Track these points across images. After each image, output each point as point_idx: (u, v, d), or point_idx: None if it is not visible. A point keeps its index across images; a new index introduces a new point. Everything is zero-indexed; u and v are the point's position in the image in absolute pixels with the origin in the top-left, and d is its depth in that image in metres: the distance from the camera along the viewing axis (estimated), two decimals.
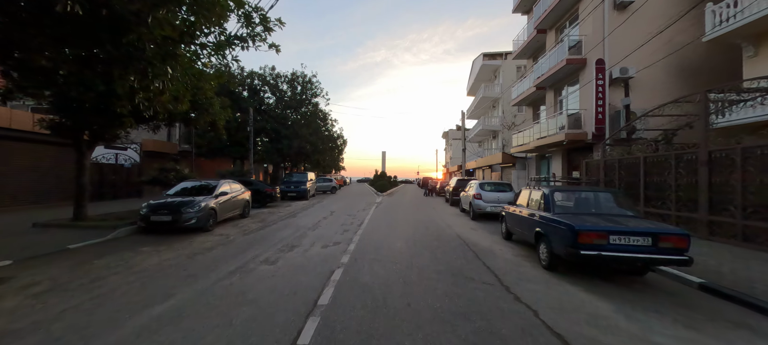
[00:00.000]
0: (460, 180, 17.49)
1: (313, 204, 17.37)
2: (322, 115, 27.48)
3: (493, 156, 23.45)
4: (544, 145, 15.25)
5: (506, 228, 7.80)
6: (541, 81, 15.70)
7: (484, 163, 28.20)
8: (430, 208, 15.90)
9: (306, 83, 25.56)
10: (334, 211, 13.89)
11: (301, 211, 14.11)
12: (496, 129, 29.94)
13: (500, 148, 29.08)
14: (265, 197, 15.40)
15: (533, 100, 18.70)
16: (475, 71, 34.01)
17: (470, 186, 12.97)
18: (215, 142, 21.73)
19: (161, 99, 5.61)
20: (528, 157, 19.52)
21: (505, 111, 28.75)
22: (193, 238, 7.90)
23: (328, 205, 16.69)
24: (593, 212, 5.32)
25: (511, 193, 11.39)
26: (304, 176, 21.21)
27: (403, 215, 12.91)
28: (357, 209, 14.91)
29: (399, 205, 17.31)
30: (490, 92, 30.03)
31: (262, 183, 15.94)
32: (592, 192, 5.84)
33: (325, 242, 7.51)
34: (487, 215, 11.56)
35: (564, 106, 15.25)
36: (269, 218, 11.63)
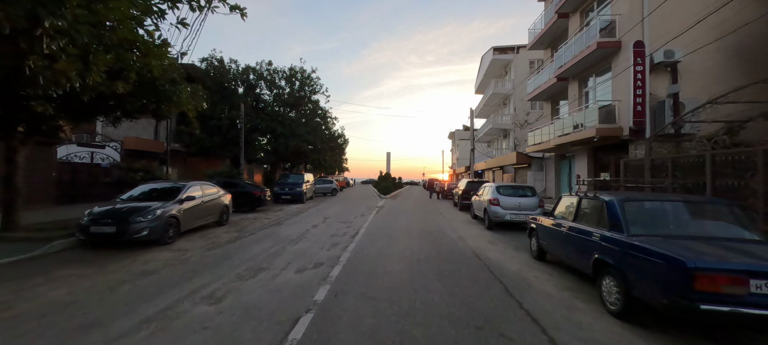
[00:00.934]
0: (471, 182, 15.70)
1: (308, 208, 15.71)
2: (322, 113, 25.85)
3: (506, 156, 21.63)
4: (567, 144, 13.40)
5: (537, 245, 6.03)
6: (564, 71, 13.87)
7: (494, 163, 26.34)
8: (438, 214, 14.13)
9: (305, 79, 23.97)
10: (327, 218, 12.21)
11: (290, 217, 12.45)
12: (507, 127, 28.06)
13: (511, 148, 27.20)
14: (253, 201, 13.79)
15: (552, 94, 16.85)
16: (484, 67, 32.17)
17: (484, 189, 11.19)
18: (207, 140, 20.24)
19: (58, 66, 4.00)
20: (545, 156, 17.66)
21: (517, 108, 26.89)
22: (141, 255, 6.27)
23: (324, 210, 15.02)
24: (693, 235, 3.50)
25: (535, 199, 9.58)
26: (300, 178, 19.59)
27: (407, 223, 11.17)
28: (355, 215, 13.21)
29: (402, 210, 15.57)
30: (500, 88, 28.17)
31: (250, 185, 14.35)
32: (686, 202, 4.01)
33: (303, 263, 5.80)
34: (505, 224, 9.76)
35: (591, 98, 13.40)
36: (250, 226, 9.98)
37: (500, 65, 29.63)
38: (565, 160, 16.27)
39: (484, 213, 10.28)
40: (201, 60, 21.15)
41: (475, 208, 11.87)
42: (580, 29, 13.26)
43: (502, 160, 23.24)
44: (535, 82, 17.39)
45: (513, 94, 27.31)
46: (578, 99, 13.92)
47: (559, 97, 16.72)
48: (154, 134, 20.45)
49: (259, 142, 21.18)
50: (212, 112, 20.80)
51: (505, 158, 21.68)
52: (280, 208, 15.52)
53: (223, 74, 21.72)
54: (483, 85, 34.53)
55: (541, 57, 25.82)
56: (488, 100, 30.08)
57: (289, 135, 21.43)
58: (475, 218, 12.24)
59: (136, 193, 8.30)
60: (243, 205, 13.49)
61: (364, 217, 12.66)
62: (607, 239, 3.79)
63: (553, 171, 16.82)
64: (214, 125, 20.37)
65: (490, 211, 9.66)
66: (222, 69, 21.73)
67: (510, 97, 28.27)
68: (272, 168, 25.35)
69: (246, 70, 22.60)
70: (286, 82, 23.88)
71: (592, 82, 13.39)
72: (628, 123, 10.70)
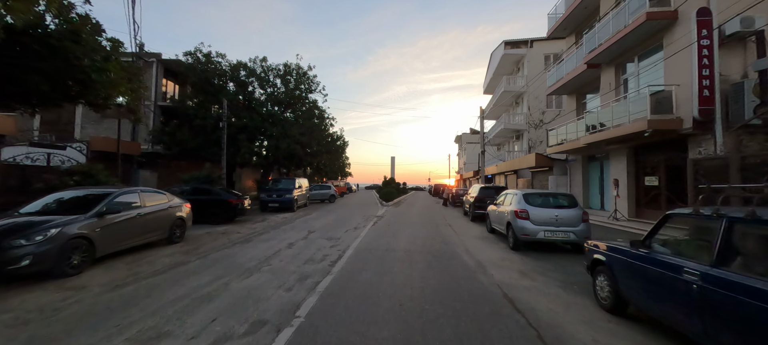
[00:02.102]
0: (485, 188, 13.44)
1: (295, 219, 13.57)
2: (319, 114, 23.83)
3: (522, 159, 19.30)
4: (602, 142, 11.10)
5: (613, 288, 3.78)
6: (596, 55, 11.61)
7: (507, 167, 23.99)
8: (446, 226, 11.88)
9: (300, 77, 22.02)
10: (312, 232, 10.05)
11: (267, 231, 10.32)
12: (520, 128, 25.76)
13: (525, 150, 24.87)
14: (228, 210, 11.70)
15: (578, 86, 14.56)
16: (494, 64, 29.97)
17: (505, 198, 8.93)
18: (192, 141, 18.30)
19: None
20: (569, 159, 15.34)
21: (532, 106, 24.64)
22: (16, 294, 4.17)
23: (313, 221, 12.87)
24: None
25: (576, 211, 7.31)
26: (290, 183, 17.51)
27: (409, 240, 8.96)
28: (347, 228, 11.04)
29: (405, 221, 13.34)
30: (512, 86, 25.92)
31: (227, 192, 12.28)
32: None
33: (232, 324, 3.63)
34: (538, 244, 7.48)
35: (632, 86, 11.10)
36: (207, 245, 7.86)
37: (512, 61, 27.41)
38: (595, 162, 13.93)
39: (507, 228, 8.02)
40: (185, 54, 19.32)
41: (493, 220, 9.61)
42: (616, 4, 11.01)
43: (517, 163, 20.92)
44: (558, 73, 15.13)
45: (526, 91, 25.07)
46: (615, 87, 11.62)
47: (587, 89, 14.44)
48: (131, 135, 18.63)
49: (250, 144, 19.16)
50: (198, 110, 18.98)
51: (521, 161, 19.38)
52: (263, 218, 13.42)
53: (210, 70, 19.86)
54: (493, 84, 32.33)
55: (559, 50, 23.59)
56: (499, 99, 27.82)
57: (280, 136, 19.41)
58: (493, 232, 9.99)
59: (44, 203, 6.24)
60: (216, 215, 11.43)
61: (358, 230, 10.47)
62: None
63: (579, 175, 14.48)
64: (199, 125, 18.47)
65: (516, 227, 7.41)
66: (209, 64, 19.87)
67: (523, 95, 26.00)
68: (266, 172, 23.34)
69: (236, 66, 20.71)
70: (281, 80, 21.95)
71: (634, 66, 11.10)
72: (690, 113, 8.39)
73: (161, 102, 21.05)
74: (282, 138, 19.32)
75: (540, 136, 24.32)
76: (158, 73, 21.37)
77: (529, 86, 24.70)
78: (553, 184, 15.43)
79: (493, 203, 9.88)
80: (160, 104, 21.07)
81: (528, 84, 24.77)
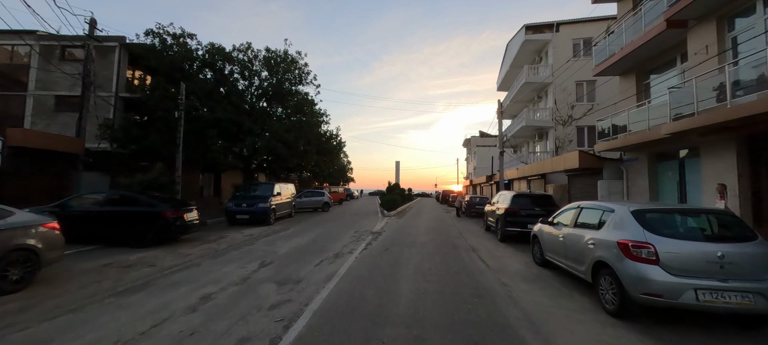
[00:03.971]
0: (520, 197, 9.85)
1: (260, 237, 10.11)
2: (310, 109, 20.45)
3: (557, 160, 15.47)
4: (696, 131, 7.46)
5: None
6: (686, 6, 8.00)
7: (532, 171, 20.31)
8: (468, 251, 8.30)
9: (288, 64, 18.74)
10: (267, 264, 6.57)
11: (199, 261, 6.85)
12: (544, 125, 22.13)
13: (551, 150, 21.20)
14: (161, 227, 8.27)
15: (641, 61, 10.92)
16: (511, 55, 26.46)
17: (576, 215, 5.33)
18: (153, 138, 15.02)
19: None
20: (626, 158, 11.67)
21: (558, 100, 21.00)
22: None
23: (281, 242, 9.38)
24: None
25: (758, 246, 3.65)
26: (267, 189, 14.09)
27: (415, 284, 5.43)
28: (325, 255, 7.54)
29: (409, 241, 9.79)
30: (534, 77, 22.34)
31: (164, 201, 8.84)
32: None
33: None
34: (678, 311, 3.83)
35: (745, 48, 7.47)
36: (51, 301, 4.40)
37: (533, 49, 23.87)
38: (668, 160, 10.26)
39: (596, 272, 4.40)
40: (147, 33, 16.16)
41: (551, 249, 6.02)
42: None
43: (547, 166, 17.24)
44: (612, 45, 11.51)
45: (552, 83, 21.48)
46: (716, 49, 7.98)
47: (653, 65, 10.80)
48: (76, 130, 15.45)
49: (224, 142, 15.82)
50: (160, 101, 15.72)
51: (553, 162, 15.62)
52: (219, 236, 9.98)
53: (179, 54, 16.68)
54: (509, 78, 28.82)
55: (592, 33, 20.02)
56: (518, 93, 24.23)
57: (260, 133, 16.08)
58: (547, 266, 6.41)
59: None
60: (141, 233, 8.02)
61: (338, 261, 6.95)
62: None
63: (643, 179, 10.78)
64: (161, 117, 15.22)
65: (627, 276, 3.78)
66: (177, 47, 16.69)
67: (548, 87, 22.42)
68: (249, 176, 19.96)
69: (212, 51, 17.48)
70: (267, 69, 18.68)
71: (753, 19, 7.47)
72: None
73: (124, 93, 17.90)
74: (262, 135, 15.98)
75: (569, 134, 20.70)
76: (121, 60, 18.26)
77: (555, 76, 21.13)
78: (605, 191, 11.76)
79: (548, 222, 6.30)
80: (123, 96, 17.92)
81: (554, 74, 21.20)
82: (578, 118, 20.71)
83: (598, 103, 20.30)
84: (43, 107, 18.19)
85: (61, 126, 17.72)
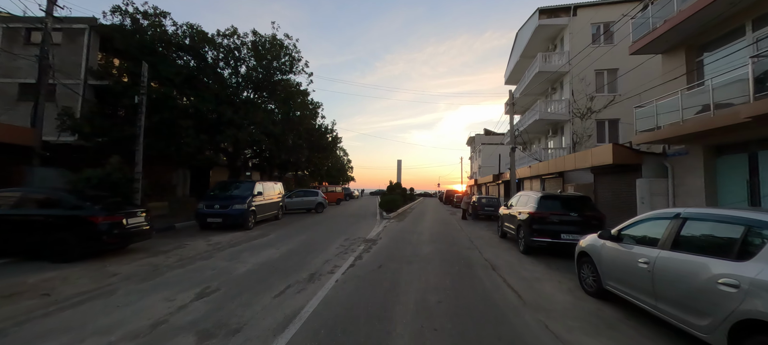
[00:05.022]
0: (548, 199, 7.88)
1: (223, 248, 8.21)
2: (302, 100, 18.55)
3: (582, 155, 13.26)
4: None
5: None
6: None
7: (548, 169, 18.29)
8: (486, 269, 6.37)
9: (276, 48, 16.84)
10: (210, 294, 4.67)
11: (109, 290, 4.96)
12: (560, 118, 20.14)
13: (568, 146, 19.21)
14: (89, 236, 6.38)
15: (695, 33, 8.90)
16: (522, 43, 24.46)
17: (755, 238, 3.25)
18: (122, 129, 13.18)
19: None
20: (672, 151, 9.68)
21: (576, 91, 19.00)
22: None
23: (248, 257, 7.48)
24: None
25: None
26: (247, 188, 12.21)
27: (413, 331, 3.50)
28: (294, 278, 5.64)
29: (410, 253, 7.88)
30: (549, 65, 20.34)
31: (99, 204, 6.92)
32: None
33: None
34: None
35: None
36: None
37: (547, 36, 21.86)
38: (733, 154, 8.27)
39: None
40: (113, 10, 14.32)
41: (617, 278, 4.09)
42: None
43: (569, 162, 15.21)
44: (655, 17, 9.49)
45: (569, 72, 19.47)
46: None
47: (713, 34, 8.78)
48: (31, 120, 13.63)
49: (201, 135, 13.91)
50: (129, 87, 13.88)
51: (580, 158, 13.34)
52: (176, 246, 8.10)
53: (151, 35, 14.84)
54: (518, 70, 26.83)
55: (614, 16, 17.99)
56: (530, 84, 22.26)
57: (240, 124, 14.20)
58: (603, 297, 4.48)
59: None
60: (63, 245, 6.17)
61: (310, 288, 5.06)
62: None
63: (698, 176, 8.79)
64: (130, 105, 13.38)
65: None
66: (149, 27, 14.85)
67: (564, 77, 20.41)
68: (235, 174, 18.09)
69: (192, 34, 15.60)
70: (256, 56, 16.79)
71: None
72: None
73: (94, 80, 16.07)
74: (244, 126, 14.11)
75: (588, 129, 18.70)
76: (91, 44, 16.46)
77: (572, 65, 19.12)
78: (645, 192, 9.77)
79: (609, 236, 4.34)
80: (93, 83, 16.11)
81: (571, 62, 19.19)
82: (598, 111, 18.71)
83: (620, 94, 18.29)
84: (6, 96, 16.42)
85: (25, 117, 15.92)
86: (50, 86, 15.28)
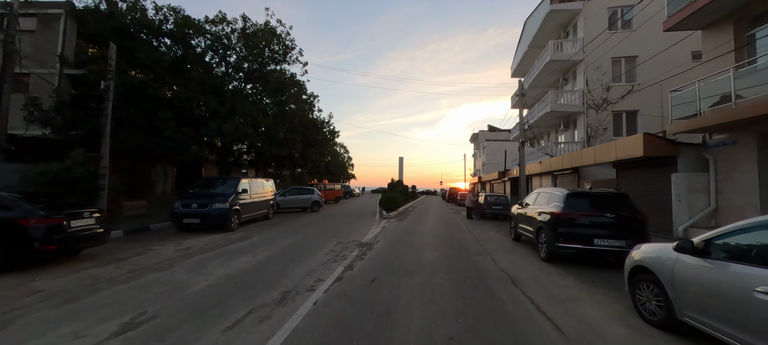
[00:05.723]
0: (576, 195, 6.60)
1: (190, 255, 7.01)
2: (297, 91, 17.32)
3: (603, 148, 11.82)
4: None
5: None
6: None
7: (561, 164, 17.01)
8: (503, 283, 5.14)
9: (269, 36, 15.63)
10: (138, 326, 3.45)
11: (14, 316, 3.75)
12: (572, 111, 18.83)
13: (582, 140, 17.90)
14: (24, 244, 5.21)
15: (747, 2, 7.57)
16: (531, 32, 23.13)
17: None
18: (88, 122, 12.00)
19: None
20: (712, 142, 8.38)
21: (591, 81, 17.67)
22: None
23: (217, 265, 6.28)
24: None
25: None
26: (231, 185, 11.02)
27: None
28: (260, 299, 4.43)
29: (409, 262, 6.68)
30: (561, 54, 18.99)
31: (35, 204, 5.72)
32: None
33: None
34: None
35: None
36: None
37: (558, 22, 20.52)
38: None
39: None
40: None
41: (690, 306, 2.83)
42: None
43: (584, 157, 13.89)
44: None
45: (583, 60, 18.14)
46: None
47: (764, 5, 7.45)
48: None
49: (184, 127, 12.70)
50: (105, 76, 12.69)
51: (602, 151, 11.77)
52: (136, 252, 6.92)
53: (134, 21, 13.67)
54: (526, 61, 25.48)
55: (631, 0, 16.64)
56: (540, 75, 20.94)
57: (226, 115, 13.00)
58: (673, 330, 3.22)
59: None
60: None
61: (276, 316, 3.84)
62: None
63: (749, 170, 7.49)
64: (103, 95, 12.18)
65: None
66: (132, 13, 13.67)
67: (577, 66, 19.07)
68: (225, 171, 16.90)
69: (177, 20, 14.36)
70: (245, 44, 15.57)
71: None
72: None
73: (70, 69, 14.90)
74: (229, 118, 12.91)
75: (603, 121, 17.38)
76: (68, 30, 15.29)
77: (586, 53, 17.79)
78: (682, 188, 8.48)
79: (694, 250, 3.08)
80: (69, 73, 14.95)
81: (585, 49, 17.85)
82: (615, 102, 17.37)
83: (639, 84, 16.97)
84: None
85: None
86: (22, 76, 14.20)
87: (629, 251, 4.18)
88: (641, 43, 16.97)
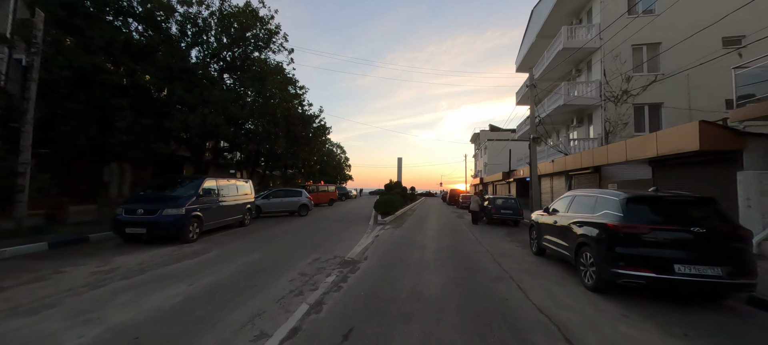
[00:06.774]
0: (639, 200, 4.71)
1: (102, 283, 5.12)
2: (282, 80, 15.46)
3: (642, 140, 9.83)
4: None
5: None
6: None
7: (578, 163, 15.17)
8: (551, 341, 3.27)
9: (249, 18, 13.79)
10: None
11: None
12: (588, 103, 17.09)
13: (599, 137, 16.12)
14: None
15: None
16: (539, 21, 21.42)
17: None
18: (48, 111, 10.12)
19: None
20: None
21: (608, 71, 15.91)
22: None
23: (125, 303, 4.39)
24: None
25: None
26: (191, 186, 9.13)
27: None
28: None
29: (405, 292, 4.83)
30: (574, 41, 17.23)
31: None
32: None
33: None
34: None
35: None
36: None
37: (570, 9, 18.81)
38: None
39: None
40: None
41: None
42: None
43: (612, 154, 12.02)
44: None
45: (600, 48, 16.40)
46: None
47: None
48: None
49: (145, 119, 10.79)
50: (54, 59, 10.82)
51: (640, 144, 9.55)
52: (36, 275, 5.02)
53: None
54: (534, 53, 23.74)
55: None
56: (550, 65, 19.17)
57: (195, 106, 11.13)
58: None
59: None
60: None
61: None
62: None
63: None
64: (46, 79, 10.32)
65: None
66: None
67: (593, 55, 17.33)
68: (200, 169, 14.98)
69: None
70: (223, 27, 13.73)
71: None
72: None
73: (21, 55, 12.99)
74: (198, 109, 11.04)
75: (623, 115, 15.61)
76: (18, 9, 13.37)
77: (603, 39, 16.04)
78: (753, 189, 6.69)
79: None
80: (18, 57, 13.04)
81: (601, 35, 16.10)
82: (636, 93, 15.61)
83: (663, 74, 15.22)
84: None
85: None
86: None
87: (729, 283, 2.35)
88: (665, 28, 15.23)
